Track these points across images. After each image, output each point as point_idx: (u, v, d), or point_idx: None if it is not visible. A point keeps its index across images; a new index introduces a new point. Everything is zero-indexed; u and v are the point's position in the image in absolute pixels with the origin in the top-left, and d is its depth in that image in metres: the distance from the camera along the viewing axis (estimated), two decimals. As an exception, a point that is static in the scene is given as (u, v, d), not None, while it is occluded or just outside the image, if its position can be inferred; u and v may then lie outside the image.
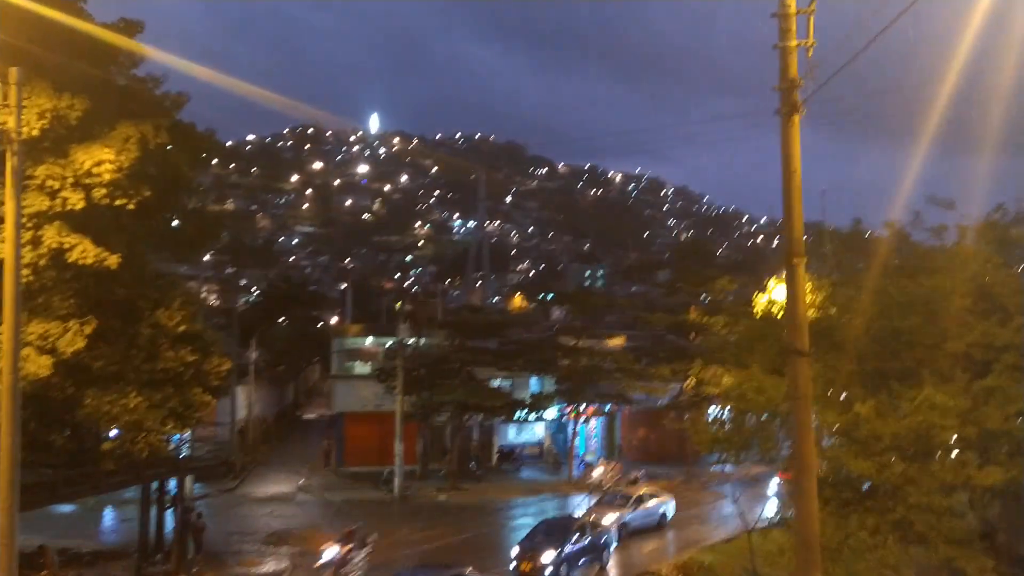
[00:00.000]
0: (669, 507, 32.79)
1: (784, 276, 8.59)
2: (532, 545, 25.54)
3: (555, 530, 26.55)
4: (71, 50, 20.06)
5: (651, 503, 32.08)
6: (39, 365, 17.82)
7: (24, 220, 16.99)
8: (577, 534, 26.30)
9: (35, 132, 17.14)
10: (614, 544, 28.13)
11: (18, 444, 13.32)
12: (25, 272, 17.30)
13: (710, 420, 24.45)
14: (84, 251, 18.12)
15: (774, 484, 34.89)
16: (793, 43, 8.20)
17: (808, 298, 28.77)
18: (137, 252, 22.39)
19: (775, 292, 32.75)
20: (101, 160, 17.83)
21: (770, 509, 34.04)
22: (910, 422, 13.70)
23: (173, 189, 23.62)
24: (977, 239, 19.74)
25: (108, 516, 34.81)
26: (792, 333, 8.20)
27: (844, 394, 18.05)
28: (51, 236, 17.80)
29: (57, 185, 17.74)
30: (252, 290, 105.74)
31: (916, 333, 17.38)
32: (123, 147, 18.46)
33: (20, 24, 18.07)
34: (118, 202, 18.65)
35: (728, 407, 24.14)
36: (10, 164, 13.29)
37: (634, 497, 31.49)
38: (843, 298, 23.67)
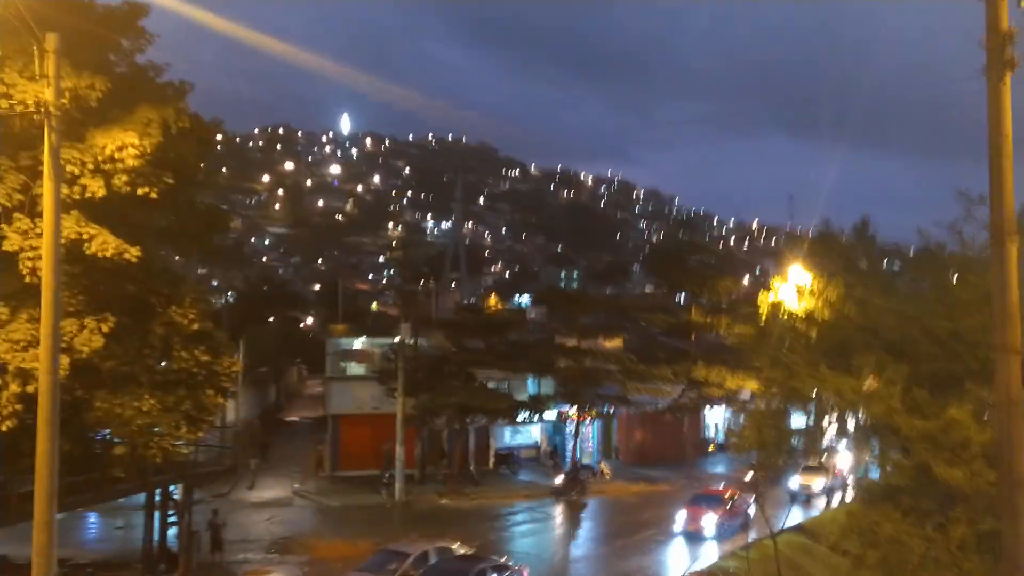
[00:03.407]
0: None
1: (984, 259, 7.67)
2: None
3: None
4: (75, 33, 18.88)
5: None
6: (56, 365, 16.54)
7: (39, 209, 15.81)
8: None
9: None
10: None
11: (56, 456, 12.12)
12: (40, 265, 16.05)
13: (752, 422, 23.63)
14: (104, 243, 16.92)
15: (680, 519, 30.82)
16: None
17: (818, 297, 28.32)
18: (146, 246, 21.19)
19: (780, 292, 32.34)
20: (124, 144, 16.62)
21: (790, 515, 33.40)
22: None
23: (180, 180, 22.44)
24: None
25: (96, 523, 33.34)
26: (1000, 326, 7.39)
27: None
28: (69, 226, 16.51)
29: (77, 171, 16.50)
30: (227, 292, 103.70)
31: (981, 332, 16.71)
32: (145, 131, 17.27)
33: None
34: (140, 191, 17.45)
35: (762, 407, 23.55)
36: (48, 141, 12.11)
37: (414, 556, 22.10)
38: (871, 296, 23.12)
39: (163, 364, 21.03)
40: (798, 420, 29.98)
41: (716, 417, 52.91)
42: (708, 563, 26.85)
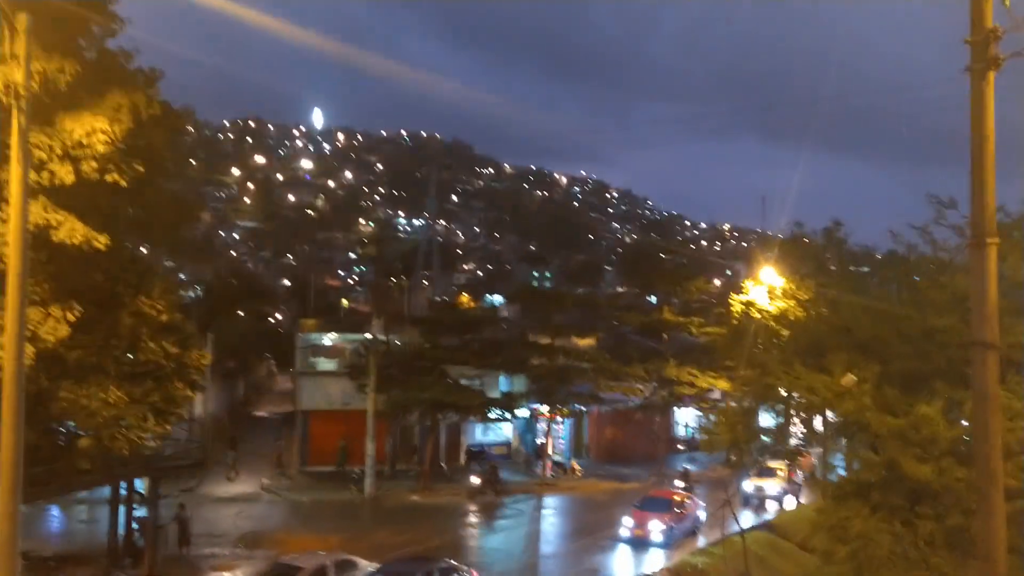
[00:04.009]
0: None
1: (969, 260, 7.67)
2: None
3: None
4: (45, 14, 18.48)
5: None
6: (20, 354, 16.16)
7: (5, 194, 15.47)
8: None
9: (23, 96, 15.52)
10: None
11: (21, 446, 11.78)
12: (6, 251, 15.69)
13: (723, 420, 23.75)
14: (72, 230, 16.57)
15: (626, 524, 29.28)
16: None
17: (791, 297, 28.49)
18: (115, 235, 20.84)
19: (753, 293, 32.55)
20: (94, 129, 16.29)
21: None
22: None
23: (150, 169, 22.08)
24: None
25: (57, 516, 32.80)
26: (979, 323, 7.38)
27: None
28: (36, 212, 16.13)
29: (45, 156, 16.15)
30: (196, 285, 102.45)
31: (951, 333, 16.95)
32: (115, 116, 16.94)
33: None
34: (109, 177, 17.11)
35: (739, 405, 23.74)
36: (16, 124, 11.80)
37: (308, 571, 20.53)
38: (844, 296, 23.36)
39: (131, 355, 20.70)
40: (765, 420, 30.16)
41: (687, 416, 53.16)
42: (677, 560, 26.92)
